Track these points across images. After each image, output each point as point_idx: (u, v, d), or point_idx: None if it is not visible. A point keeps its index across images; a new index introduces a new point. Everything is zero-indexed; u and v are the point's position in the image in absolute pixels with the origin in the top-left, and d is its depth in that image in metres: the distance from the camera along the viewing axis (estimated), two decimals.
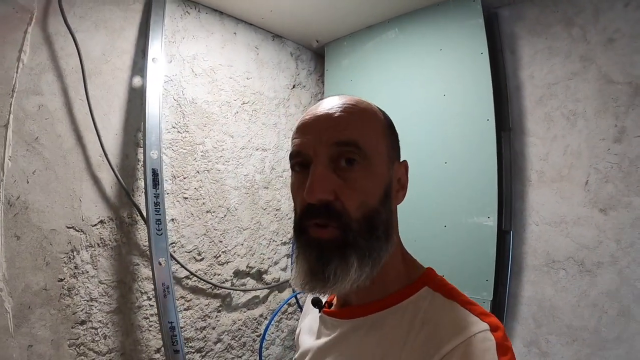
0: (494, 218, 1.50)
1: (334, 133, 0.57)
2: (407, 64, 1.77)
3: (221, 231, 1.75)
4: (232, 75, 1.81)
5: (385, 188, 0.60)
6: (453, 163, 1.62)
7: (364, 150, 0.57)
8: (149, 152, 1.43)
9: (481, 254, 1.53)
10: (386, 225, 0.60)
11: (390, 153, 0.62)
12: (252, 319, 1.86)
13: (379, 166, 0.60)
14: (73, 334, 1.32)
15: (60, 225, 1.31)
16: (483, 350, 0.50)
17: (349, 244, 0.56)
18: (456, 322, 0.54)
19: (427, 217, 1.66)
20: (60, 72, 1.34)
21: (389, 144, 0.63)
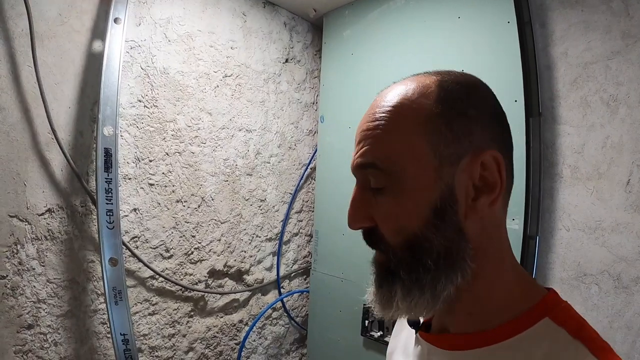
0: (520, 221, 1.39)
1: (358, 154, 0.54)
2: (418, 34, 1.64)
3: (194, 224, 1.67)
4: (213, 44, 1.71)
5: (434, 205, 0.50)
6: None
7: (385, 169, 0.51)
8: (102, 128, 1.33)
9: None
10: (441, 253, 0.50)
11: (443, 152, 0.50)
12: (229, 325, 1.78)
13: (417, 180, 0.51)
14: (19, 340, 1.27)
15: (1, 213, 1.24)
16: None
17: (392, 272, 0.53)
18: None
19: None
20: (8, 34, 1.25)
21: (439, 140, 0.50)
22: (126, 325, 1.31)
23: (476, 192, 0.51)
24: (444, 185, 0.50)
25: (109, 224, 1.32)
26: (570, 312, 0.51)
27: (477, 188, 0.51)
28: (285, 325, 1.98)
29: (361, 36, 1.83)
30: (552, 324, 0.49)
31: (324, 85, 1.98)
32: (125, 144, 1.47)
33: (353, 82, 1.86)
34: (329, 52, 1.97)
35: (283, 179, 1.99)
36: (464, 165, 0.51)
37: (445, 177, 0.50)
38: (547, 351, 0.48)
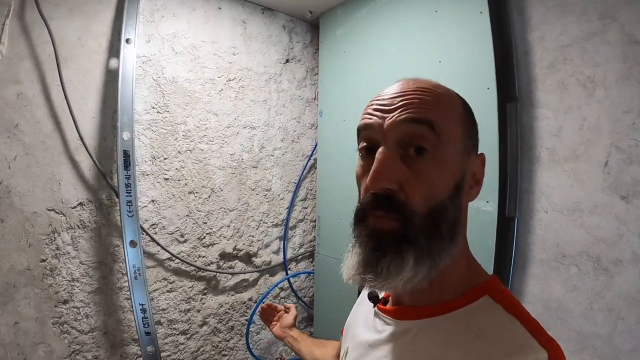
0: (494, 203, 1.43)
1: (407, 111, 0.56)
2: (400, 29, 1.71)
3: (205, 212, 1.85)
4: (217, 52, 1.88)
5: (457, 181, 0.59)
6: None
7: (439, 133, 0.56)
8: (120, 133, 1.54)
9: (479, 244, 1.45)
10: (453, 224, 0.59)
11: (467, 143, 0.61)
12: (240, 302, 1.97)
13: (453, 156, 0.58)
14: (56, 313, 1.49)
15: (41, 207, 1.47)
16: None
17: (408, 240, 0.55)
18: (511, 343, 0.52)
19: None
20: (38, 59, 1.48)
21: (466, 133, 0.60)
22: (144, 297, 1.53)
23: (472, 181, 0.62)
24: (463, 169, 0.60)
25: (129, 213, 1.54)
26: (507, 294, 0.60)
27: (474, 178, 0.62)
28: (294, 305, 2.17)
29: (352, 34, 1.91)
30: (491, 301, 0.58)
31: (321, 82, 2.09)
32: (142, 145, 1.68)
33: (346, 78, 1.94)
34: (325, 50, 2.07)
35: (287, 169, 2.14)
36: (472, 159, 0.62)
37: (464, 163, 0.60)
38: (483, 322, 0.55)
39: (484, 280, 0.61)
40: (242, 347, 1.97)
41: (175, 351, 1.77)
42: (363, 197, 0.60)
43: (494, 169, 1.43)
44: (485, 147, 1.35)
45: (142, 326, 1.52)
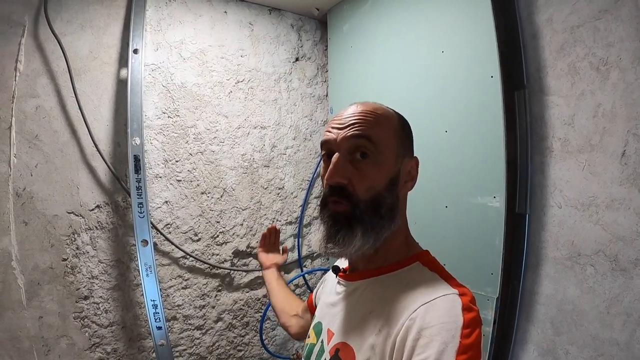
0: (502, 198, 1.35)
1: (353, 129, 0.76)
2: (403, 21, 1.66)
3: (218, 212, 1.87)
4: (224, 55, 1.88)
5: (391, 177, 0.77)
6: (454, 131, 1.49)
7: (375, 144, 0.75)
8: (131, 139, 1.59)
9: (486, 242, 1.39)
10: (390, 208, 0.77)
11: (400, 149, 0.79)
12: (255, 299, 1.98)
13: (388, 159, 0.77)
14: (77, 308, 1.57)
15: (61, 211, 1.56)
16: (448, 308, 0.64)
17: (356, 218, 0.74)
18: (431, 287, 0.70)
19: (426, 196, 1.56)
20: (53, 74, 1.56)
21: (400, 142, 0.79)
22: (155, 293, 1.57)
23: (407, 177, 0.81)
24: (397, 168, 0.78)
25: (140, 214, 1.59)
26: (434, 261, 0.80)
27: (409, 175, 0.81)
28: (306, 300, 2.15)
29: (357, 29, 1.87)
30: (420, 265, 0.77)
31: (331, 79, 2.05)
32: (154, 149, 1.73)
33: (354, 73, 1.90)
34: (333, 46, 2.03)
35: (300, 167, 2.11)
36: (406, 161, 0.81)
37: (399, 164, 0.79)
38: (412, 277, 0.74)
39: (418, 252, 0.82)
40: (258, 343, 1.98)
41: (191, 345, 1.80)
42: (324, 190, 0.80)
43: (500, 163, 1.35)
44: (490, 139, 1.34)
45: (154, 320, 1.56)
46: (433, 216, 1.54)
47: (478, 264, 1.40)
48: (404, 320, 0.65)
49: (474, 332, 0.62)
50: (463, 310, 0.64)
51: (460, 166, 1.45)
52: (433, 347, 0.60)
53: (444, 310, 0.64)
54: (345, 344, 0.76)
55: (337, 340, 0.78)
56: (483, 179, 1.39)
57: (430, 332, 0.61)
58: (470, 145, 1.42)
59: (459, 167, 1.46)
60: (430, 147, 1.53)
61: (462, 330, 0.61)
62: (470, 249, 1.43)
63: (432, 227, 1.55)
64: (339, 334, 0.79)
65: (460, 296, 0.66)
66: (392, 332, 0.67)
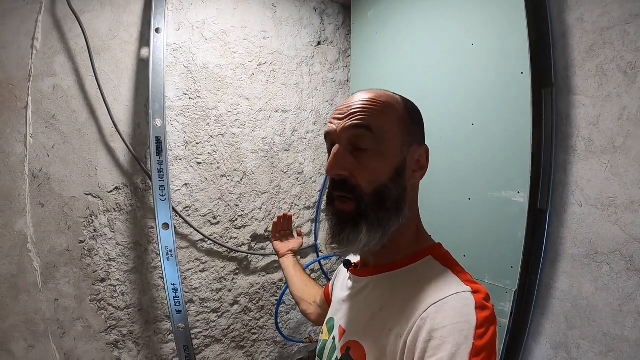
0: (525, 194, 1.34)
1: (353, 118, 0.71)
2: (432, 10, 1.60)
3: (237, 195, 1.83)
4: (247, 37, 1.82)
5: (396, 168, 0.71)
6: (481, 125, 1.45)
7: (376, 133, 0.70)
8: (152, 120, 1.52)
9: (507, 235, 1.39)
10: (396, 200, 0.72)
11: (405, 137, 0.73)
12: (271, 283, 1.95)
13: (392, 149, 0.71)
14: (94, 290, 1.54)
15: (79, 192, 1.50)
16: (460, 307, 0.60)
17: (361, 215, 0.70)
18: (442, 284, 0.65)
19: (449, 188, 1.54)
20: (71, 52, 1.48)
21: (405, 130, 0.73)
22: (175, 277, 1.52)
23: (416, 167, 0.74)
24: (402, 157, 0.72)
25: (162, 197, 1.53)
26: (446, 255, 0.74)
27: (418, 164, 0.74)
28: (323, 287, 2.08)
29: (383, 15, 1.81)
30: (432, 260, 0.72)
31: (354, 64, 2.01)
32: (175, 131, 1.67)
33: (378, 60, 1.85)
34: (357, 32, 1.97)
35: (320, 152, 2.07)
36: (413, 150, 0.74)
37: (404, 153, 0.73)
38: (424, 273, 0.69)
39: (429, 245, 0.76)
40: (272, 327, 1.97)
41: (206, 328, 1.79)
42: (329, 183, 0.77)
43: (526, 158, 1.33)
44: (518, 135, 1.33)
45: (174, 304, 1.53)
46: (456, 208, 1.53)
47: (498, 257, 1.40)
48: (415, 319, 0.62)
49: (488, 332, 0.58)
50: (476, 309, 0.59)
51: (486, 160, 1.44)
52: (445, 350, 0.57)
53: (456, 310, 0.60)
54: (356, 343, 0.73)
55: (348, 338, 0.75)
56: (508, 174, 1.38)
57: (441, 333, 0.58)
58: (496, 139, 1.40)
59: (484, 161, 1.44)
60: (456, 139, 1.51)
61: (476, 330, 0.57)
62: (492, 241, 1.43)
63: (454, 219, 1.54)
64: (349, 331, 0.76)
65: (474, 294, 0.62)
66: (403, 332, 0.63)
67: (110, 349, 1.57)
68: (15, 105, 1.39)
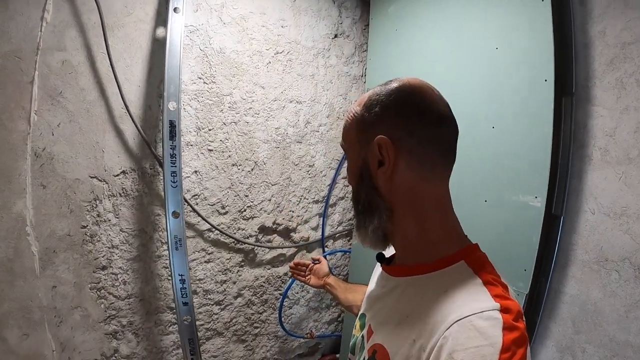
0: (543, 199, 1.32)
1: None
2: (456, 9, 1.55)
3: (247, 185, 1.76)
4: (265, 24, 1.75)
5: (360, 172, 0.71)
6: (502, 128, 1.43)
7: (344, 149, 0.76)
8: (167, 103, 1.44)
9: (523, 239, 1.36)
10: (366, 202, 0.71)
11: (361, 139, 0.70)
12: (276, 276, 1.89)
13: (352, 156, 0.73)
14: (94, 278, 1.45)
15: (83, 175, 1.41)
16: (485, 327, 0.53)
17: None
18: (470, 297, 0.59)
19: (466, 189, 1.51)
20: (83, 27, 1.38)
21: (359, 135, 0.70)
22: (184, 268, 1.44)
23: (379, 165, 0.67)
24: (362, 159, 0.70)
25: (173, 184, 1.44)
26: (481, 259, 0.67)
27: (380, 162, 0.67)
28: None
29: (404, 12, 1.75)
30: (465, 265, 0.65)
31: (370, 60, 1.95)
32: (187, 115, 1.59)
33: (396, 57, 1.80)
34: (375, 27, 1.91)
35: (331, 146, 2.02)
36: (369, 146, 0.68)
37: (363, 154, 0.69)
38: (454, 282, 0.62)
39: (463, 247, 0.69)
40: (274, 321, 1.92)
41: (208, 320, 1.72)
42: None
43: (544, 164, 1.31)
44: (538, 141, 1.31)
45: (180, 296, 1.45)
46: (472, 209, 1.50)
47: (512, 260, 1.38)
48: (438, 336, 0.57)
49: (515, 356, 0.51)
50: (503, 330, 0.52)
51: (505, 163, 1.41)
52: None
53: (480, 331, 0.53)
54: (382, 347, 0.69)
55: (375, 340, 0.72)
56: (526, 178, 1.36)
57: (462, 355, 0.52)
58: (516, 143, 1.38)
59: (503, 164, 1.42)
60: (476, 141, 1.49)
61: (500, 355, 0.50)
62: (506, 244, 1.40)
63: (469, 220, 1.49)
64: (377, 334, 0.73)
65: (502, 312, 0.54)
66: (426, 347, 0.59)
67: (108, 339, 1.49)
68: (21, 79, 1.29)
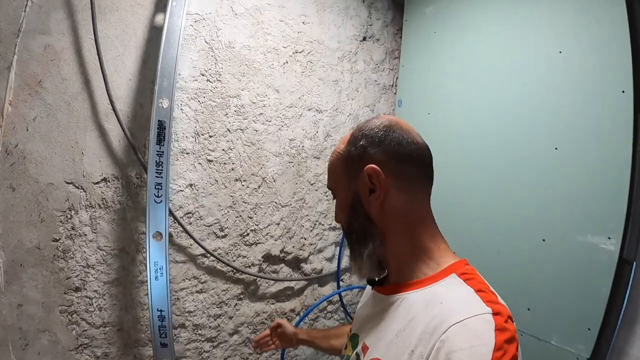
0: (617, 241, 1.07)
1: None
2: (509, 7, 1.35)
3: (252, 205, 1.54)
4: (284, 18, 1.56)
5: (350, 205, 0.75)
6: (567, 150, 1.20)
7: (332, 189, 0.80)
8: (158, 100, 1.22)
9: (588, 290, 1.12)
10: (359, 230, 0.74)
11: (350, 174, 0.74)
12: (280, 312, 1.63)
13: (341, 193, 0.77)
14: (65, 300, 1.24)
15: (58, 179, 1.21)
16: (479, 329, 0.56)
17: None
18: (463, 304, 0.61)
19: (518, 224, 1.27)
20: (72, 8, 1.21)
21: (347, 168, 0.74)
22: (164, 302, 1.20)
23: (370, 193, 0.72)
24: (352, 192, 0.74)
25: (157, 198, 1.21)
26: (471, 272, 0.68)
27: (371, 190, 0.71)
28: (340, 321, 1.76)
29: (445, 12, 1.55)
30: (456, 277, 0.67)
31: (403, 67, 1.74)
32: (185, 117, 1.38)
33: (435, 63, 1.59)
34: (410, 30, 1.71)
35: None
36: (358, 181, 0.73)
37: (352, 187, 0.74)
38: (447, 293, 0.65)
39: (453, 262, 0.71)
40: None
41: (198, 359, 1.43)
42: None
43: (621, 196, 1.06)
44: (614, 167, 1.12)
45: (159, 336, 1.19)
46: (524, 249, 1.26)
47: (572, 314, 1.14)
48: (435, 340, 0.58)
49: (507, 354, 0.54)
50: (496, 331, 0.56)
51: (570, 194, 1.18)
52: None
53: (475, 332, 0.56)
54: None
55: (372, 355, 0.71)
56: (597, 214, 1.12)
57: (459, 355, 0.54)
58: (585, 169, 1.15)
59: (568, 195, 1.18)
60: (533, 166, 1.25)
61: (494, 353, 0.53)
62: (567, 295, 1.17)
63: (520, 263, 1.28)
64: (373, 349, 0.72)
65: (494, 315, 0.58)
66: (425, 352, 0.60)
67: None
68: None
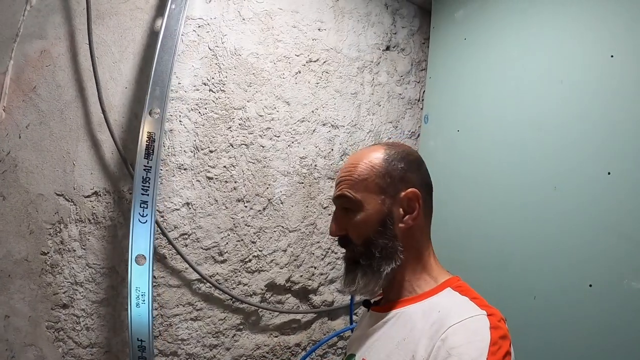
0: None
1: (340, 188, 0.77)
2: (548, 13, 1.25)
3: (256, 229, 1.44)
4: (297, 24, 1.48)
5: (380, 222, 0.73)
6: (621, 177, 1.04)
7: (354, 201, 0.74)
8: (148, 109, 1.15)
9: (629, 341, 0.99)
10: (384, 247, 0.73)
11: (388, 191, 0.74)
12: (284, 346, 1.48)
13: (371, 208, 0.74)
14: (52, 316, 1.19)
15: (48, 190, 1.17)
16: (476, 327, 0.60)
17: (356, 264, 0.75)
18: (461, 309, 0.64)
19: (560, 266, 1.14)
20: (70, 13, 1.19)
21: (385, 186, 0.74)
22: (145, 331, 1.10)
23: (404, 213, 0.74)
24: (386, 210, 0.74)
25: (142, 217, 1.12)
26: (464, 286, 0.72)
27: (405, 210, 0.74)
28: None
29: (476, 17, 1.45)
30: (452, 290, 0.71)
31: (430, 78, 1.60)
32: (184, 130, 1.31)
33: (465, 73, 1.45)
34: (438, 37, 1.58)
35: None
36: (398, 197, 0.75)
37: (387, 206, 0.74)
38: (444, 303, 0.68)
39: (447, 279, 0.74)
40: None
41: None
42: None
43: None
44: None
45: None
46: (567, 295, 1.11)
47: None
48: (435, 340, 0.61)
49: (502, 348, 0.57)
50: (491, 329, 0.59)
51: (625, 230, 1.02)
52: None
53: (472, 330, 0.60)
54: None
55: None
56: None
57: (458, 350, 0.58)
58: None
59: (623, 231, 1.03)
60: (579, 196, 1.09)
61: (490, 347, 0.57)
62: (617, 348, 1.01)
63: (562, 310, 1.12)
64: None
65: (488, 316, 0.61)
66: (425, 354, 0.61)
67: None
68: None
